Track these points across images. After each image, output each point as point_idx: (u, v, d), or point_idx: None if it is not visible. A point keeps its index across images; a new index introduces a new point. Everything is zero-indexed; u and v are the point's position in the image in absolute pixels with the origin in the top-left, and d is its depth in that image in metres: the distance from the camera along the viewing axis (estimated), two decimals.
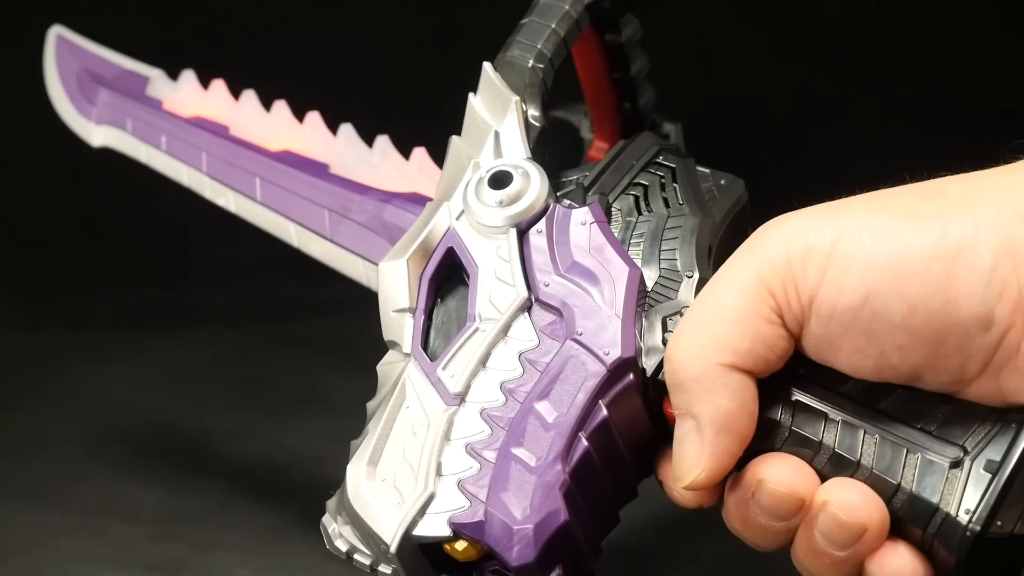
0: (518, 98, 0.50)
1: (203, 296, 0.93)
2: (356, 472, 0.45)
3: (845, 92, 0.95)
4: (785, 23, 0.97)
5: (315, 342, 0.86)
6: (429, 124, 0.56)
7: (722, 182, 0.52)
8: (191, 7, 1.01)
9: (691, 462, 0.42)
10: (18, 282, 0.94)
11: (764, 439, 0.43)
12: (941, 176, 0.41)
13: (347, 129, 0.59)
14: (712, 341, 0.41)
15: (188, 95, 0.63)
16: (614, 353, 0.44)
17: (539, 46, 0.52)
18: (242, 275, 0.93)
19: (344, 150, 0.58)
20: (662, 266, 0.48)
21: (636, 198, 0.50)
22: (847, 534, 0.40)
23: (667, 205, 0.50)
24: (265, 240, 0.60)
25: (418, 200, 0.54)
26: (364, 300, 0.54)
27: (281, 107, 0.61)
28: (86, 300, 0.92)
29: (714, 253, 0.49)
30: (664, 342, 0.45)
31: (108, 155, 0.66)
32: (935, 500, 0.40)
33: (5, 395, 0.80)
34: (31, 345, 0.86)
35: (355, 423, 0.48)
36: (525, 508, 0.43)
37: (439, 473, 0.44)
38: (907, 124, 0.93)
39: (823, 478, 0.42)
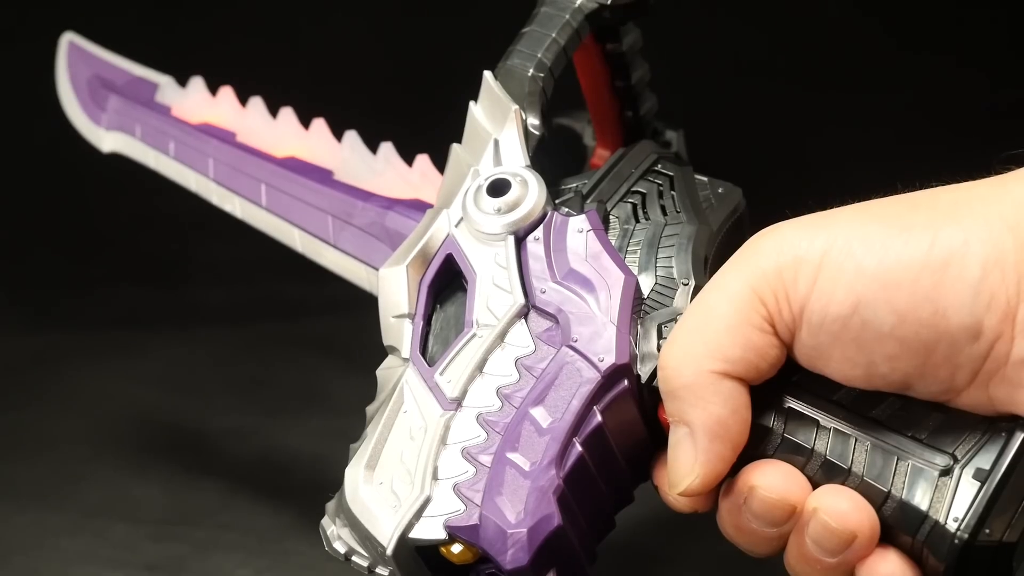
0: (517, 107, 0.50)
1: (203, 296, 0.93)
2: (354, 475, 0.46)
3: (848, 100, 0.95)
4: (787, 31, 0.98)
5: (315, 342, 0.86)
6: (432, 131, 0.56)
7: (720, 190, 0.52)
8: (201, 15, 1.01)
9: (685, 468, 0.43)
10: (18, 282, 0.94)
11: (757, 445, 0.43)
12: (933, 186, 0.42)
13: (352, 136, 0.59)
14: (704, 349, 0.42)
15: (196, 102, 0.64)
16: (608, 360, 0.45)
17: (539, 55, 0.52)
18: (242, 275, 0.93)
19: (348, 157, 0.59)
20: (658, 274, 0.48)
21: (634, 206, 0.51)
22: (837, 541, 0.41)
23: (664, 213, 0.50)
24: (265, 240, 0.60)
25: (420, 207, 0.54)
26: (364, 301, 0.54)
27: (287, 114, 0.62)
28: (86, 300, 0.92)
29: (711, 261, 0.49)
30: (659, 349, 0.45)
31: (108, 157, 0.66)
32: (924, 508, 0.40)
33: (5, 395, 0.80)
34: (31, 345, 0.86)
35: (355, 423, 0.48)
36: (519, 512, 0.43)
37: (435, 477, 0.44)
38: (908, 130, 0.93)
39: (815, 485, 0.42)
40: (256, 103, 0.63)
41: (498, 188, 0.49)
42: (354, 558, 0.46)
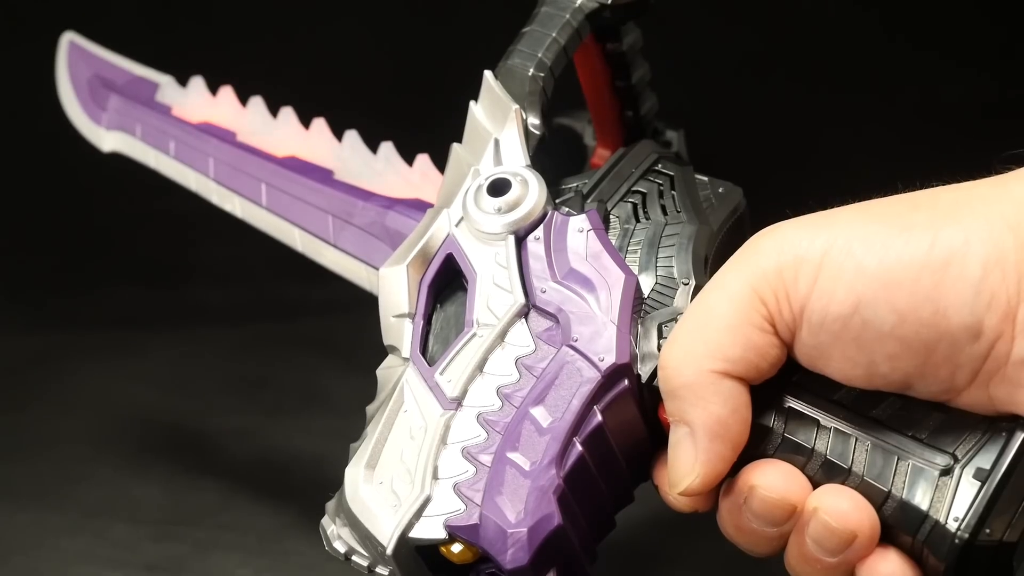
0: (518, 106, 0.50)
1: (203, 296, 0.93)
2: (354, 475, 0.46)
3: (848, 99, 0.95)
4: (787, 31, 0.98)
5: (315, 342, 0.86)
6: (433, 131, 0.56)
7: (720, 190, 0.52)
8: (201, 15, 1.01)
9: (685, 468, 0.43)
10: (18, 282, 0.94)
11: (757, 445, 0.43)
12: (933, 185, 0.42)
13: (352, 136, 0.59)
14: (704, 348, 0.42)
15: (197, 101, 0.64)
16: (609, 359, 0.45)
17: (539, 55, 0.52)
18: (242, 275, 0.93)
19: (349, 156, 0.59)
20: (659, 273, 0.48)
21: (634, 205, 0.51)
22: (837, 540, 0.41)
23: (665, 213, 0.50)
24: (265, 240, 0.60)
25: (420, 206, 0.54)
26: (364, 301, 0.55)
27: (287, 114, 0.62)
28: (86, 300, 0.92)
29: (711, 261, 0.49)
30: (659, 348, 0.45)
31: (108, 156, 0.66)
32: (925, 507, 0.40)
33: (5, 395, 0.80)
34: (31, 345, 0.86)
35: (355, 423, 0.48)
36: (519, 512, 0.43)
37: (435, 476, 0.44)
38: (908, 130, 0.93)
39: (815, 484, 0.42)
40: (256, 103, 0.63)
41: (498, 188, 0.49)
42: (354, 558, 0.46)
